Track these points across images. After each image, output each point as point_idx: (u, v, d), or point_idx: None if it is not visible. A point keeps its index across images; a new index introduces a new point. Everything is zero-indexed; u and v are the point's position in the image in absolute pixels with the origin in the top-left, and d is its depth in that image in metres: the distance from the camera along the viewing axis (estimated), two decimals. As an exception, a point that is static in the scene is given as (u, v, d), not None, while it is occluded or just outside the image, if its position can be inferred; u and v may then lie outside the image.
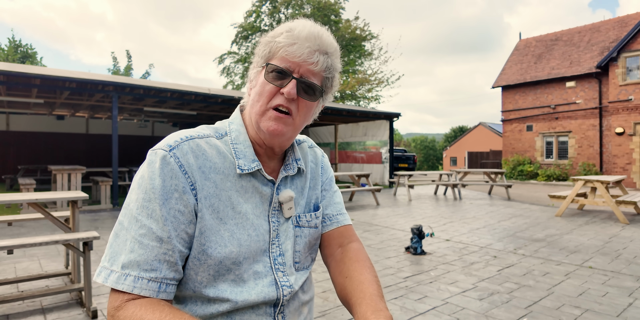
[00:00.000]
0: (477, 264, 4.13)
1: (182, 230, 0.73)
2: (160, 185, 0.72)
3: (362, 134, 15.15)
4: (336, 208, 0.98)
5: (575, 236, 5.60)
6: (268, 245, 0.82)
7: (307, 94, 0.80)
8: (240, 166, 0.80)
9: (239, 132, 0.85)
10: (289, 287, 0.82)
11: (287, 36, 0.77)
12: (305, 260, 0.90)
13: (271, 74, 0.78)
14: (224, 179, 0.79)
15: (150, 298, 0.69)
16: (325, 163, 1.02)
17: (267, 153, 0.87)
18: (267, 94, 0.79)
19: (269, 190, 0.84)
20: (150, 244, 0.70)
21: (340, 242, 0.95)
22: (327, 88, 0.84)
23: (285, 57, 0.77)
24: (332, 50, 0.81)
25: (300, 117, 0.81)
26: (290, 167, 0.89)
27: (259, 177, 0.83)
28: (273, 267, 0.82)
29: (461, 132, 49.81)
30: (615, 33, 18.49)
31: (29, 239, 2.73)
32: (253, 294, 0.77)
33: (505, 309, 2.92)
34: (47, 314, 2.76)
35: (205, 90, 10.55)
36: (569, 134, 18.39)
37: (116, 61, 27.36)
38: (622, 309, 2.94)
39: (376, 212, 7.93)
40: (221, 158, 0.80)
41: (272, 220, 0.84)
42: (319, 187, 0.97)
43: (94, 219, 6.73)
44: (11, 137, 13.93)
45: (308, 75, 0.79)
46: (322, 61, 0.79)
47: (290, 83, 0.77)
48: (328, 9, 21.04)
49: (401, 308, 2.92)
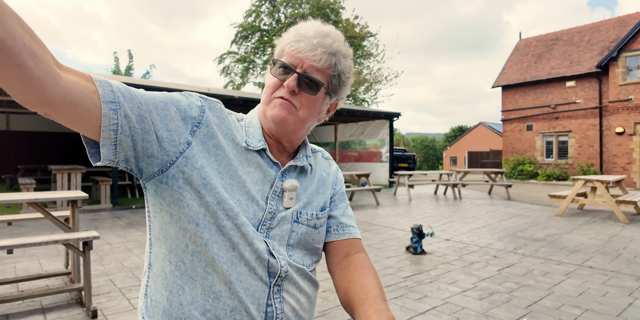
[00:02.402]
0: (477, 264, 4.13)
1: (153, 120, 0.71)
2: (177, 97, 0.78)
3: (362, 133, 15.15)
4: (350, 220, 0.98)
5: (575, 236, 5.60)
6: (259, 222, 0.80)
7: (309, 88, 0.81)
8: (247, 142, 0.83)
9: (252, 118, 0.89)
10: (285, 258, 0.81)
11: (295, 34, 0.82)
12: (302, 258, 0.88)
13: (277, 69, 0.83)
14: (232, 145, 0.82)
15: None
16: (339, 176, 1.03)
17: (277, 147, 0.88)
18: (272, 86, 0.83)
19: (273, 172, 0.85)
20: (136, 92, 0.71)
21: (348, 252, 0.94)
22: (334, 86, 0.86)
23: (292, 53, 0.81)
24: (340, 53, 0.83)
25: (303, 111, 0.83)
26: (300, 159, 0.90)
27: (265, 157, 0.85)
28: (266, 240, 0.80)
29: (461, 132, 49.81)
30: (616, 33, 18.48)
31: (29, 239, 2.72)
32: (247, 251, 0.77)
33: (506, 309, 2.92)
34: (47, 314, 2.76)
35: (204, 89, 10.55)
36: (569, 133, 18.38)
37: (117, 61, 27.34)
38: (622, 308, 2.94)
39: (376, 211, 7.93)
40: (234, 130, 0.84)
41: (270, 202, 0.83)
42: (328, 194, 0.97)
43: (94, 219, 6.73)
44: (11, 136, 13.93)
45: (311, 70, 0.81)
46: (325, 58, 0.81)
47: (292, 76, 0.80)
48: (327, 8, 21.02)
49: (401, 308, 2.92)
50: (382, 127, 14.27)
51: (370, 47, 22.15)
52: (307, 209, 0.89)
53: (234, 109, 8.57)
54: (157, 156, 0.73)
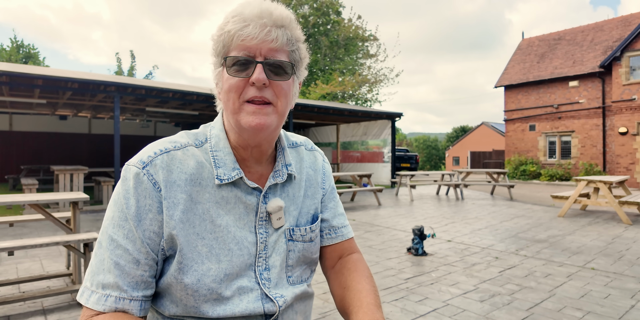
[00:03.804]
0: (479, 265, 4.12)
1: (158, 251, 0.72)
2: (134, 206, 0.70)
3: (364, 133, 15.14)
4: (340, 220, 0.94)
5: (577, 237, 5.57)
6: (254, 258, 0.77)
7: (278, 75, 0.72)
8: (219, 176, 0.75)
9: (218, 138, 0.79)
10: (282, 297, 0.79)
11: (236, 21, 0.70)
12: (302, 273, 0.86)
13: (233, 66, 0.71)
14: (201, 190, 0.74)
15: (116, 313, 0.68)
16: (326, 169, 0.95)
17: (253, 155, 0.80)
18: (236, 89, 0.71)
19: (254, 199, 0.78)
20: (127, 265, 0.69)
21: (341, 255, 0.93)
22: (296, 62, 0.76)
23: (242, 43, 0.70)
24: (287, 22, 0.73)
25: (281, 102, 0.74)
26: (279, 174, 0.82)
27: (242, 186, 0.77)
28: (260, 282, 0.77)
29: (463, 132, 49.70)
30: (619, 32, 18.39)
31: (30, 240, 2.73)
32: (237, 312, 0.74)
33: (507, 311, 2.90)
34: (48, 315, 2.76)
35: (207, 90, 10.56)
36: (572, 133, 18.32)
37: (120, 62, 27.43)
38: (625, 311, 2.92)
39: (378, 212, 7.92)
40: (199, 168, 0.75)
41: (259, 231, 0.78)
42: (319, 197, 0.91)
43: (95, 219, 6.75)
44: (14, 137, 13.99)
45: (272, 54, 0.71)
46: (281, 35, 0.71)
47: (257, 68, 0.70)
48: (327, 8, 20.99)
49: (402, 310, 2.91)
50: (384, 128, 14.25)
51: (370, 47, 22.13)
52: (299, 222, 0.85)
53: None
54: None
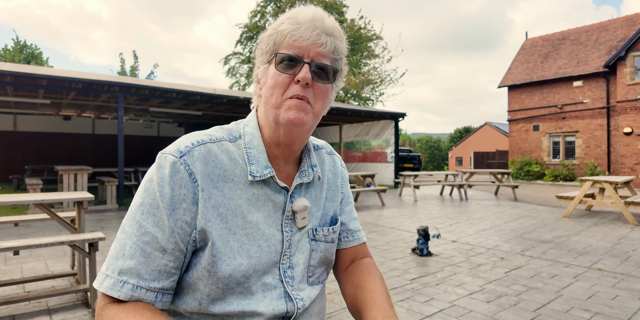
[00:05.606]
0: (484, 266, 4.09)
1: (188, 242, 0.71)
2: (169, 194, 0.69)
3: (367, 133, 15.11)
4: (356, 224, 0.96)
5: (583, 238, 5.53)
6: (280, 256, 0.79)
7: (321, 78, 0.76)
8: (252, 173, 0.76)
9: (253, 135, 0.80)
10: (301, 300, 0.79)
11: (290, 22, 0.74)
12: (321, 274, 0.87)
13: (282, 63, 0.75)
14: (233, 187, 0.75)
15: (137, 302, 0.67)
16: (344, 174, 0.98)
17: (284, 154, 0.82)
18: (281, 85, 0.74)
19: (282, 198, 0.80)
20: (153, 253, 0.68)
21: (354, 258, 0.95)
22: (338, 70, 0.80)
23: (293, 43, 0.74)
24: (337, 33, 0.78)
25: (318, 104, 0.77)
26: (306, 174, 0.84)
27: (272, 184, 0.79)
28: (283, 279, 0.78)
29: (466, 132, 49.58)
30: (623, 32, 18.30)
31: (35, 240, 2.73)
32: (261, 306, 0.74)
33: (514, 312, 2.88)
34: (52, 315, 2.76)
35: (210, 90, 10.58)
36: (576, 133, 18.23)
37: (123, 62, 27.50)
38: (633, 312, 2.89)
39: (381, 212, 7.90)
40: (232, 164, 0.76)
41: (285, 229, 0.80)
42: (338, 200, 0.93)
43: (100, 219, 6.76)
44: (18, 137, 14.06)
45: (319, 57, 0.75)
46: (329, 42, 0.75)
47: (304, 68, 0.73)
48: (332, 8, 21.02)
49: (408, 310, 2.90)
50: (387, 128, 14.22)
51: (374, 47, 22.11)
52: (322, 223, 0.87)
53: (239, 109, 8.53)
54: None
